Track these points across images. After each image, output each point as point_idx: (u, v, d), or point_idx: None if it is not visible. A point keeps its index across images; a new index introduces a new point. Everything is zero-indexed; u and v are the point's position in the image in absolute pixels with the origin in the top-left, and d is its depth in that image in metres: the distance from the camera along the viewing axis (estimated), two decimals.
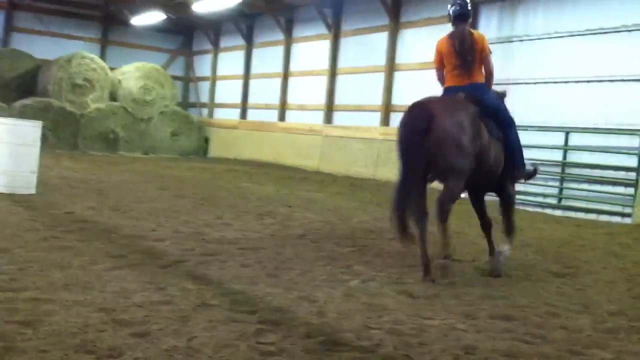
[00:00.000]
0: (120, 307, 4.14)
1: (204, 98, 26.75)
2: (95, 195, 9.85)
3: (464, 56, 6.17)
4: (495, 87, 6.70)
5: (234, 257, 6.00)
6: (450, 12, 6.34)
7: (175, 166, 17.51)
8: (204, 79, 26.84)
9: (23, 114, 19.32)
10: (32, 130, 9.37)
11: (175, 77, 25.86)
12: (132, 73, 23.19)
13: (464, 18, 6.31)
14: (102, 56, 24.75)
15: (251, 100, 23.90)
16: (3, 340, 3.37)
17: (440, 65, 6.57)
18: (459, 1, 6.30)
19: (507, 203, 6.36)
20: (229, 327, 3.90)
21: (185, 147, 23.76)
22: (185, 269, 5.38)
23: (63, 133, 21.00)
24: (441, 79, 6.65)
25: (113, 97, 22.74)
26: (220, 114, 25.66)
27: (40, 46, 24.26)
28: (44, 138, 9.81)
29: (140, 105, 22.93)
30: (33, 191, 9.18)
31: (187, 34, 27.45)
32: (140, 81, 23.11)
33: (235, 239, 6.94)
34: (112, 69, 23.16)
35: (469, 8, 6.35)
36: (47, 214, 7.65)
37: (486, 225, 6.42)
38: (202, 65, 27.07)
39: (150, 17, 23.21)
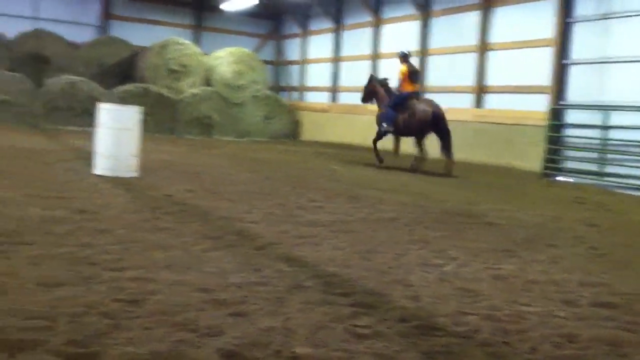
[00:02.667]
0: (219, 287, 4.26)
1: (294, 82, 26.99)
2: (192, 178, 10.14)
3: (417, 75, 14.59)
4: None
5: (327, 240, 6.05)
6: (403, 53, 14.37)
7: (267, 149, 17.79)
8: (294, 62, 27.06)
9: (123, 100, 20.12)
10: (132, 115, 9.72)
11: (265, 62, 26.22)
12: (225, 58, 23.69)
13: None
14: (196, 42, 25.37)
15: (341, 83, 23.92)
16: (110, 317, 3.53)
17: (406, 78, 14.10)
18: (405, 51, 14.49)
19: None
20: (323, 309, 3.94)
21: (277, 131, 24.10)
22: (280, 250, 5.47)
23: (160, 118, 21.73)
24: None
25: (207, 82, 23.32)
26: (310, 97, 25.83)
27: (137, 33, 25.10)
28: (143, 122, 10.14)
29: (233, 90, 23.41)
30: (135, 174, 9.54)
31: (276, 18, 27.72)
32: (232, 66, 23.58)
33: (327, 222, 6.98)
34: (205, 54, 23.73)
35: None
36: (148, 196, 7.94)
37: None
38: (292, 49, 27.30)
39: (241, 3, 23.59)
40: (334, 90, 24.09)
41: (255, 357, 3.16)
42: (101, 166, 9.53)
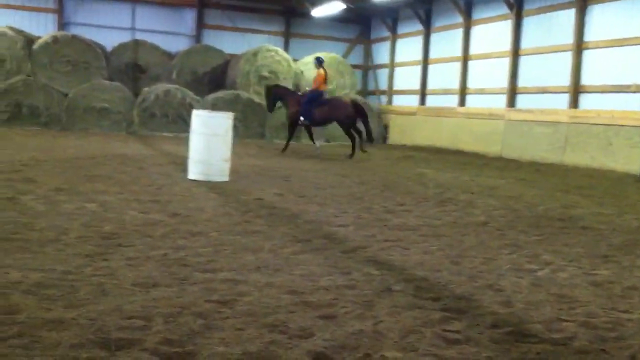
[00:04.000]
0: (308, 289, 4.29)
1: (383, 85, 26.92)
2: (281, 182, 10.28)
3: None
4: None
5: (416, 244, 5.99)
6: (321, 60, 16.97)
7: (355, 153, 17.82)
8: (382, 66, 27.00)
9: (215, 106, 20.67)
10: (224, 121, 9.95)
11: (354, 66, 26.29)
12: (314, 63, 23.91)
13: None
14: (285, 48, 25.75)
15: (430, 85, 23.67)
16: (204, 317, 3.62)
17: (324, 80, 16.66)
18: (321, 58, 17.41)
19: None
20: (413, 313, 3.91)
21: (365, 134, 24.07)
22: (368, 254, 5.46)
23: (251, 123, 22.19)
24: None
25: (296, 87, 23.59)
26: (398, 101, 25.70)
27: (229, 41, 25.74)
28: (234, 128, 10.37)
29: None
30: (226, 178, 9.77)
31: (365, 22, 27.75)
32: None
33: (416, 226, 6.92)
34: (294, 60, 24.04)
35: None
36: (239, 200, 8.11)
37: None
38: (380, 53, 27.24)
39: (329, 8, 23.74)
40: (423, 92, 23.87)
41: None
42: (194, 171, 9.81)
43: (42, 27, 24.24)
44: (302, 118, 16.41)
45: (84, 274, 4.32)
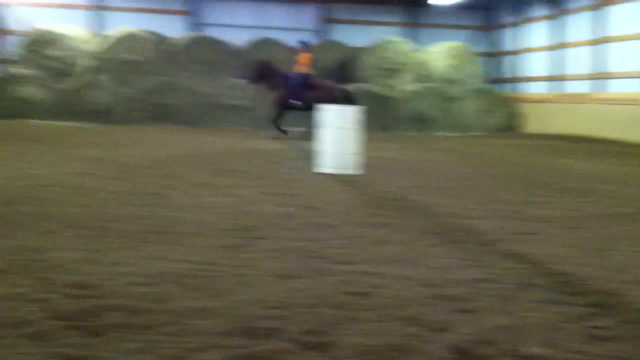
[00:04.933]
0: (445, 282, 4.25)
1: (510, 73, 26.08)
2: (410, 174, 10.22)
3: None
4: None
5: (554, 236, 5.78)
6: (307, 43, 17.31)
7: (485, 144, 17.41)
8: (509, 52, 26.14)
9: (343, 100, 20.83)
10: (353, 114, 10.03)
11: (480, 54, 25.64)
12: (438, 53, 23.59)
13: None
14: (409, 39, 25.53)
15: (561, 71, 22.65)
16: (343, 308, 3.68)
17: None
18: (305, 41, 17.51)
19: None
20: (556, 308, 3.77)
21: (495, 124, 23.45)
22: (506, 247, 5.32)
23: (378, 116, 22.17)
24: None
25: (421, 78, 23.37)
26: (527, 88, 24.80)
27: (353, 35, 25.86)
28: (362, 121, 10.42)
29: (448, 84, 23.23)
30: (357, 171, 9.85)
31: (488, 8, 26.95)
32: (446, 61, 23.42)
33: (555, 217, 6.67)
34: (419, 50, 23.79)
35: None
36: (369, 193, 8.15)
37: None
38: (506, 39, 26.37)
39: None
40: (557, 79, 22.87)
41: (486, 355, 3.12)
42: (325, 164, 9.96)
43: (175, 29, 25.46)
44: (291, 101, 16.73)
45: (226, 265, 4.51)
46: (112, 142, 14.20)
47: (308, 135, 16.28)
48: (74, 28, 23.44)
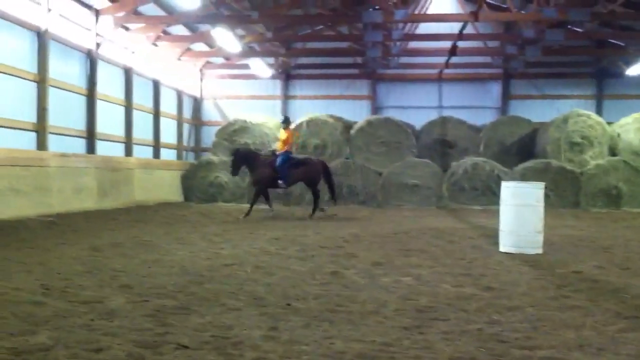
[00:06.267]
0: None
1: None
2: (601, 253, 9.59)
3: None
4: None
5: None
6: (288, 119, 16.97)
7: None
8: None
9: (524, 177, 20.28)
10: (534, 191, 9.68)
11: None
12: (631, 125, 22.25)
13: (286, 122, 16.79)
14: (598, 111, 24.45)
15: None
16: None
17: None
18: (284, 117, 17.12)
19: None
20: None
21: None
22: None
23: (564, 192, 21.24)
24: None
25: (612, 151, 22.14)
26: None
27: (535, 109, 25.28)
28: (546, 198, 10.01)
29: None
30: (539, 251, 9.42)
31: None
32: (637, 133, 22.01)
33: None
34: (609, 123, 22.63)
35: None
36: (554, 273, 7.73)
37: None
38: None
39: None
40: None
41: None
42: (505, 243, 9.65)
43: (359, 113, 26.41)
44: (280, 182, 16.25)
45: (402, 346, 4.47)
46: (293, 222, 14.80)
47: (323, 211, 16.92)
48: (265, 117, 25.14)
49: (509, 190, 9.82)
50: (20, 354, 4.06)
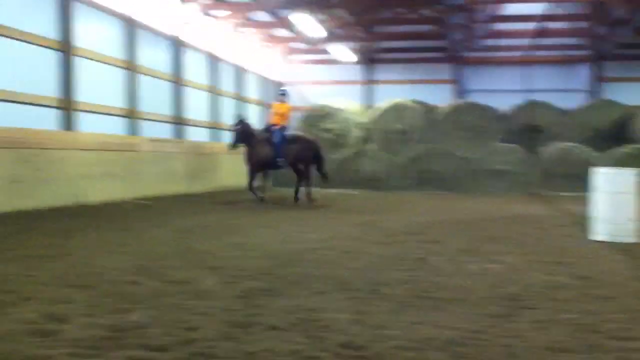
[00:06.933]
0: None
1: None
2: None
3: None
4: None
5: None
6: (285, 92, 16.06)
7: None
8: None
9: (618, 162, 19.49)
10: (629, 178, 9.29)
11: None
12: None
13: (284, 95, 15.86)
14: None
15: None
16: None
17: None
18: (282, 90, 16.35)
19: None
20: None
21: None
22: None
23: None
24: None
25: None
26: None
27: (630, 93, 24.20)
28: None
29: None
30: (633, 239, 9.05)
31: None
32: None
33: None
34: None
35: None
36: None
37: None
38: None
39: None
40: None
41: None
42: (598, 231, 9.31)
43: (441, 98, 26.02)
44: (278, 160, 15.17)
45: (492, 334, 4.38)
46: (378, 208, 14.77)
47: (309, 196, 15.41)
48: (347, 102, 25.15)
49: (602, 176, 9.46)
50: (118, 330, 4.22)
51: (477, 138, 22.42)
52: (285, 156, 15.18)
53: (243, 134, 15.29)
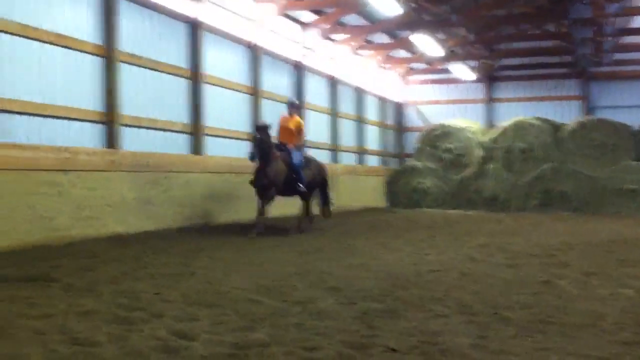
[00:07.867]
0: None
1: None
2: None
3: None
4: None
5: None
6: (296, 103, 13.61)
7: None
8: None
9: None
10: None
11: None
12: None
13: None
14: None
15: None
16: None
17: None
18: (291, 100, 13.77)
19: None
20: None
21: None
22: None
23: None
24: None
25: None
26: None
27: None
28: None
29: None
30: None
31: None
32: None
33: None
34: None
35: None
36: None
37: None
38: None
39: None
40: None
41: None
42: None
43: (567, 115, 25.04)
44: (300, 185, 12.81)
45: None
46: (500, 229, 14.39)
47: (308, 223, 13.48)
48: (467, 121, 24.79)
49: None
50: (241, 348, 4.36)
51: (607, 156, 21.35)
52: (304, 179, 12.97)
53: (262, 145, 12.12)
